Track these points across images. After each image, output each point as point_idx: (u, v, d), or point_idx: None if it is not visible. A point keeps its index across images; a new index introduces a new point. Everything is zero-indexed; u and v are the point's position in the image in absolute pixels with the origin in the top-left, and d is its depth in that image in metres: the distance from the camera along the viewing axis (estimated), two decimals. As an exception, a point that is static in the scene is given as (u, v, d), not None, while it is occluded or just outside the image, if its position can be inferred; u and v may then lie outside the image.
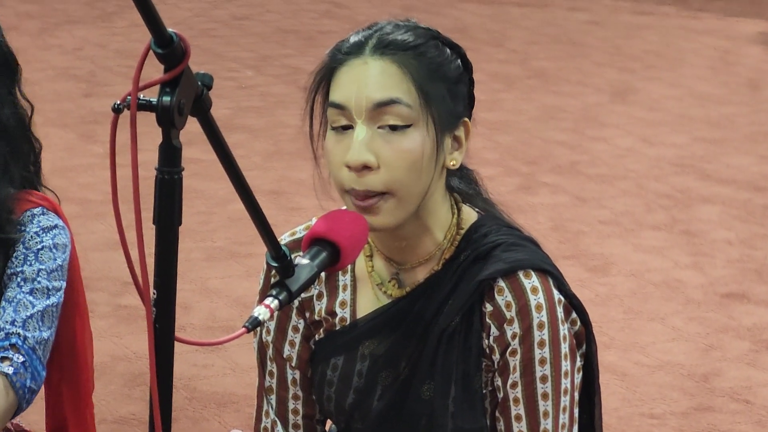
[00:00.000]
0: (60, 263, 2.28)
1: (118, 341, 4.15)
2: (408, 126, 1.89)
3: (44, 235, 2.28)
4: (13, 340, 2.23)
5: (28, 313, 2.24)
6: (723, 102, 7.04)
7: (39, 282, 2.26)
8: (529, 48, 8.05)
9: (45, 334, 2.24)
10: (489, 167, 5.75)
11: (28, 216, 2.29)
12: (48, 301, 2.26)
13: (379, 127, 1.89)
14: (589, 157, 6.08)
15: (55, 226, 2.29)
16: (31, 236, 2.28)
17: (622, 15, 9.02)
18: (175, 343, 1.63)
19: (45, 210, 2.30)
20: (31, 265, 2.26)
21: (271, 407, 2.10)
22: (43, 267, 2.27)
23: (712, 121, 6.70)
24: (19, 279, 2.26)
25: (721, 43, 8.32)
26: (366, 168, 1.87)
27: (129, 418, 3.65)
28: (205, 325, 4.26)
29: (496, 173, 5.75)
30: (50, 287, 2.26)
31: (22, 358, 2.22)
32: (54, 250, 2.28)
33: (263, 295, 2.09)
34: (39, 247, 2.27)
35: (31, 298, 2.25)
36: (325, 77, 1.95)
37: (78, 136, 6.11)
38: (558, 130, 6.45)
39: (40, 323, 2.24)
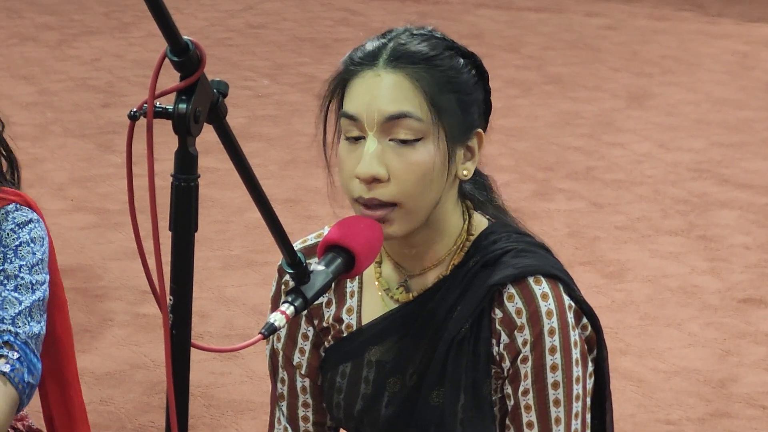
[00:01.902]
0: (40, 257, 2.30)
1: (136, 350, 4.17)
2: (419, 139, 1.89)
3: (20, 231, 2.30)
4: (6, 338, 2.25)
5: (17, 310, 2.26)
6: (741, 106, 7.03)
7: (22, 278, 2.28)
8: (546, 54, 8.05)
9: (36, 329, 2.27)
10: (505, 173, 5.76)
11: (2, 213, 2.31)
12: (34, 296, 2.28)
13: (390, 140, 1.89)
14: (606, 162, 6.08)
15: (30, 221, 2.31)
16: (8, 233, 2.30)
17: (638, 20, 9.01)
18: (193, 350, 1.64)
19: (18, 206, 2.32)
20: (11, 262, 2.28)
21: (283, 414, 2.10)
22: (24, 263, 2.29)
23: (729, 125, 6.69)
24: (1, 277, 2.28)
25: (739, 47, 8.30)
26: (376, 180, 1.88)
27: (148, 425, 3.67)
28: (222, 333, 4.27)
29: (511, 179, 5.75)
30: (34, 282, 2.28)
31: (16, 354, 2.24)
32: (32, 244, 2.30)
33: (275, 303, 2.10)
34: (17, 243, 2.29)
35: (16, 294, 2.27)
36: (339, 86, 1.96)
37: (96, 146, 6.14)
38: (574, 136, 6.45)
39: (29, 318, 2.27)
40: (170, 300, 1.61)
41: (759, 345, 4.31)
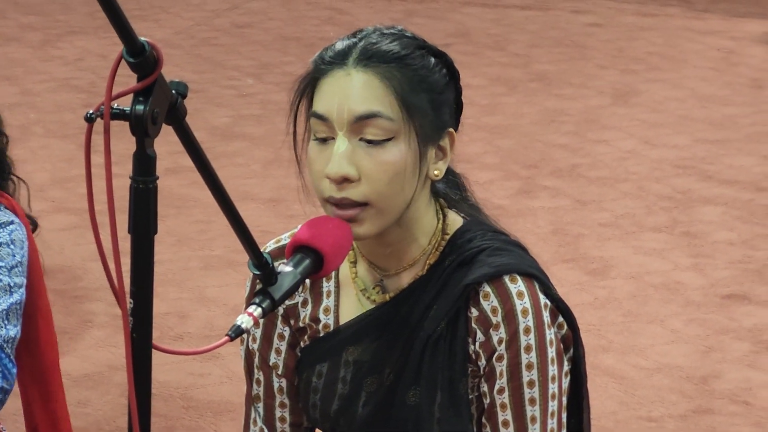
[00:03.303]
0: (19, 259, 2.27)
1: (115, 351, 4.16)
2: (389, 139, 1.88)
3: (1, 231, 2.28)
4: None
5: None
6: (726, 103, 7.03)
7: (0, 280, 2.25)
8: (532, 51, 8.05)
9: (12, 332, 2.24)
10: (489, 171, 5.75)
11: None
12: (11, 299, 2.25)
13: (360, 140, 1.88)
14: (590, 160, 6.07)
15: (11, 222, 2.29)
16: None
17: (625, 17, 9.01)
18: (171, 353, 1.63)
19: (1, 207, 2.30)
20: None
21: (259, 415, 2.10)
22: (3, 264, 2.26)
23: (714, 121, 6.69)
24: None
25: (725, 43, 8.30)
26: (346, 180, 1.87)
27: (125, 428, 3.66)
28: (202, 334, 4.26)
29: (496, 177, 5.74)
30: (12, 284, 2.26)
31: None
32: (12, 246, 2.28)
33: (248, 304, 2.09)
34: None
35: None
36: (309, 86, 1.95)
37: (78, 146, 6.12)
38: (559, 134, 6.45)
39: (5, 321, 2.24)
40: (130, 303, 1.61)
41: (742, 341, 4.31)
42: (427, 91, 1.92)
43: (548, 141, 6.33)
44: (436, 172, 1.95)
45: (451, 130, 1.95)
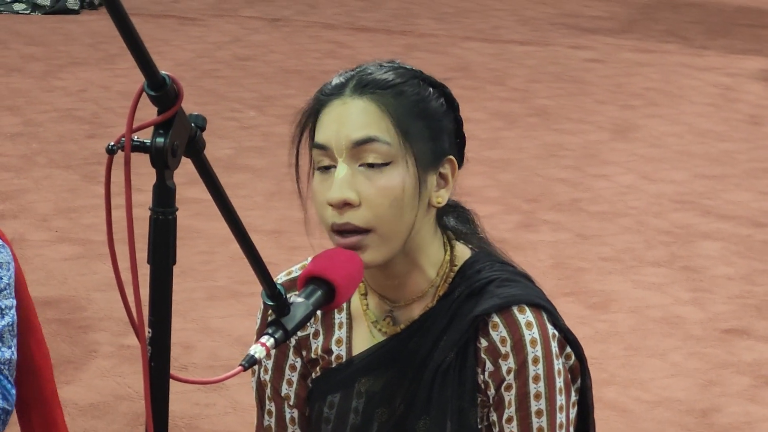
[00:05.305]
0: (7, 281, 2.29)
1: (120, 381, 4.17)
2: (388, 163, 1.90)
3: None
4: None
5: None
6: (723, 138, 7.07)
7: None
8: (531, 86, 8.09)
9: (7, 354, 2.26)
10: (490, 205, 5.77)
11: None
12: (3, 321, 2.27)
13: (360, 165, 1.91)
14: (590, 194, 6.10)
15: None
16: None
17: (623, 53, 9.06)
18: (177, 382, 1.65)
19: None
20: None
21: (270, 446, 2.11)
22: None
23: (712, 157, 6.73)
24: None
25: (723, 79, 8.35)
26: (347, 205, 1.90)
27: (131, 457, 3.68)
28: (206, 364, 4.27)
29: (497, 211, 5.77)
30: (2, 307, 2.28)
31: None
32: None
33: (260, 334, 2.11)
34: None
35: None
36: (309, 119, 1.98)
37: (81, 177, 6.15)
38: (559, 168, 6.48)
39: (0, 344, 2.26)
40: (149, 332, 1.62)
41: (741, 375, 4.33)
42: (424, 118, 1.94)
43: (548, 175, 6.36)
44: (438, 200, 1.97)
45: (451, 157, 1.98)
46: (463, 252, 2.04)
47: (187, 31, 9.46)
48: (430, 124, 1.95)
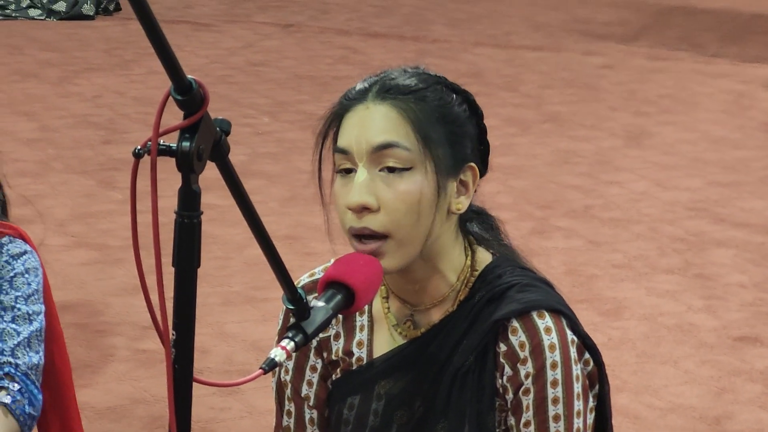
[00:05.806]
0: (35, 287, 2.32)
1: (137, 385, 4.19)
2: (408, 169, 1.92)
3: (15, 262, 2.33)
4: (6, 369, 2.26)
5: (15, 342, 2.28)
6: (737, 146, 7.07)
7: (19, 309, 2.30)
8: (544, 92, 8.10)
9: (35, 359, 2.29)
10: (503, 211, 5.76)
11: None
12: (32, 327, 2.30)
13: (380, 170, 1.93)
14: (603, 201, 6.11)
15: (24, 252, 2.34)
16: (2, 265, 2.32)
17: (636, 59, 9.07)
18: (194, 384, 1.66)
19: (11, 238, 2.35)
20: (7, 293, 2.31)
21: (288, 447, 2.12)
22: (20, 293, 2.31)
23: (726, 164, 6.73)
24: None
25: (736, 87, 8.35)
26: (366, 209, 1.91)
27: (147, 460, 3.69)
28: (222, 369, 4.29)
29: (510, 217, 5.78)
30: (30, 312, 2.31)
31: (17, 386, 2.26)
32: (27, 275, 2.33)
33: (281, 337, 2.12)
34: (12, 274, 2.32)
35: (14, 326, 2.29)
36: (333, 124, 2.00)
37: (97, 182, 6.17)
38: (572, 175, 6.49)
39: (28, 349, 2.29)
40: (173, 335, 1.64)
41: (754, 383, 4.34)
42: (445, 124, 1.96)
43: (561, 182, 6.37)
44: (457, 207, 1.98)
45: (472, 164, 1.99)
46: (485, 257, 2.05)
47: (200, 37, 9.49)
48: (451, 129, 1.97)
